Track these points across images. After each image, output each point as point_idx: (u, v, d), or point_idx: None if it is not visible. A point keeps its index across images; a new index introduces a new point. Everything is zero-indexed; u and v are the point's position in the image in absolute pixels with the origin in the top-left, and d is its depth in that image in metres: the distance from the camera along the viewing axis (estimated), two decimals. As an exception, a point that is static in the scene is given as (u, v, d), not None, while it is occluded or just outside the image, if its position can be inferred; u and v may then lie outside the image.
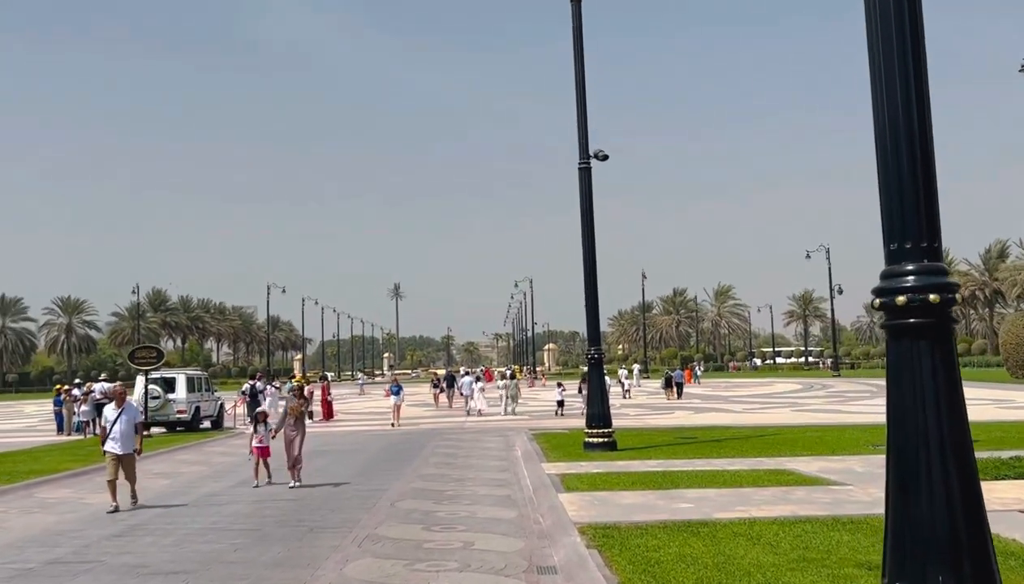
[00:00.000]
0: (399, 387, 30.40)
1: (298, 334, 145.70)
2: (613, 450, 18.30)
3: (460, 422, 31.14)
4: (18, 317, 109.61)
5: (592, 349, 19.13)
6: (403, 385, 33.01)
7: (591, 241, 19.16)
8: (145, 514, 12.33)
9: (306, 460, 18.77)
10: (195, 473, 17.35)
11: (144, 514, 12.33)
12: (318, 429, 28.59)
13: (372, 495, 13.60)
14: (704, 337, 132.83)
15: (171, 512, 12.45)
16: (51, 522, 11.96)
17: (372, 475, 16.31)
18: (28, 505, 13.62)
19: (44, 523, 11.89)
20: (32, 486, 15.52)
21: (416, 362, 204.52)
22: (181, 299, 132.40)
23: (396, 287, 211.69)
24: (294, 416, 14.99)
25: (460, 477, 15.69)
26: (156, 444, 23.27)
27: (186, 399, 27.88)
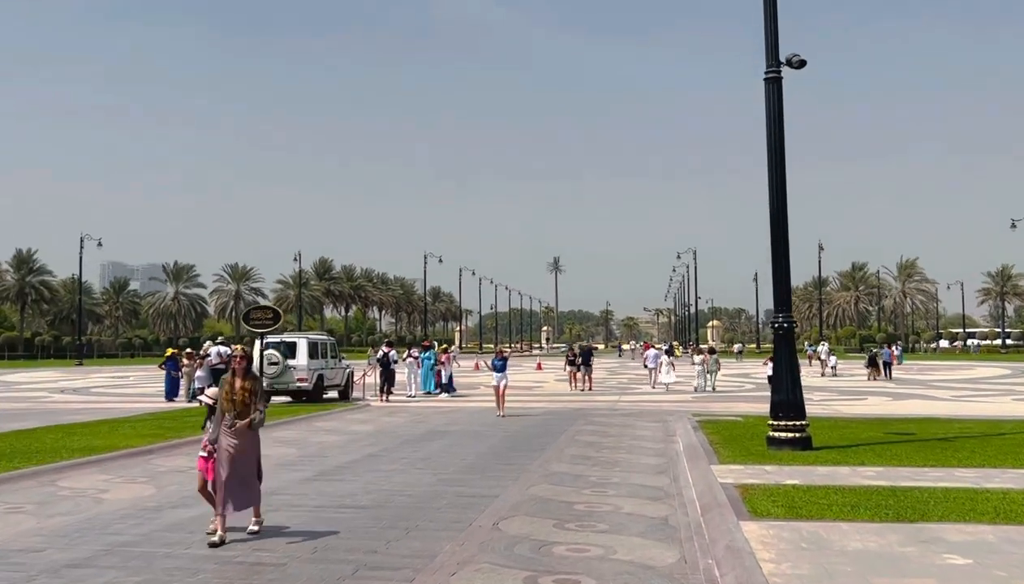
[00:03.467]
0: (503, 361, 22.24)
1: (458, 306, 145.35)
2: (807, 448, 13.81)
3: (612, 402, 27.05)
4: (190, 283, 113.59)
5: (780, 316, 14.56)
6: (508, 355, 24.90)
7: (780, 172, 14.59)
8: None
9: (414, 446, 15.35)
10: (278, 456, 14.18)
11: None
12: (441, 405, 25.27)
13: (472, 506, 9.80)
14: (885, 315, 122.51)
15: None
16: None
17: (485, 471, 12.54)
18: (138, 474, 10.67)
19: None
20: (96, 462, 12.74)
21: (575, 336, 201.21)
22: (344, 268, 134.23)
23: (555, 260, 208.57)
24: (233, 409, 8.31)
25: (600, 480, 11.68)
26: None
27: (307, 366, 25.11)
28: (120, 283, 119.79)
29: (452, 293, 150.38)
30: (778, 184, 14.60)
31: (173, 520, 9.05)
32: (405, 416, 21.62)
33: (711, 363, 32.19)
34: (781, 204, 14.58)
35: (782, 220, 14.60)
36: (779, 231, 14.58)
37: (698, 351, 37.09)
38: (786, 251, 14.66)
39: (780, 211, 14.58)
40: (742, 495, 9.83)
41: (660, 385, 32.10)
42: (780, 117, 14.67)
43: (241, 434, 8.29)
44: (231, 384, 8.45)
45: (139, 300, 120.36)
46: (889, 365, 40.22)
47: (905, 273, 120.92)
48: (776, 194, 14.59)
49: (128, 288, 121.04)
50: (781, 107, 14.69)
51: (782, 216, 14.59)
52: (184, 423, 18.45)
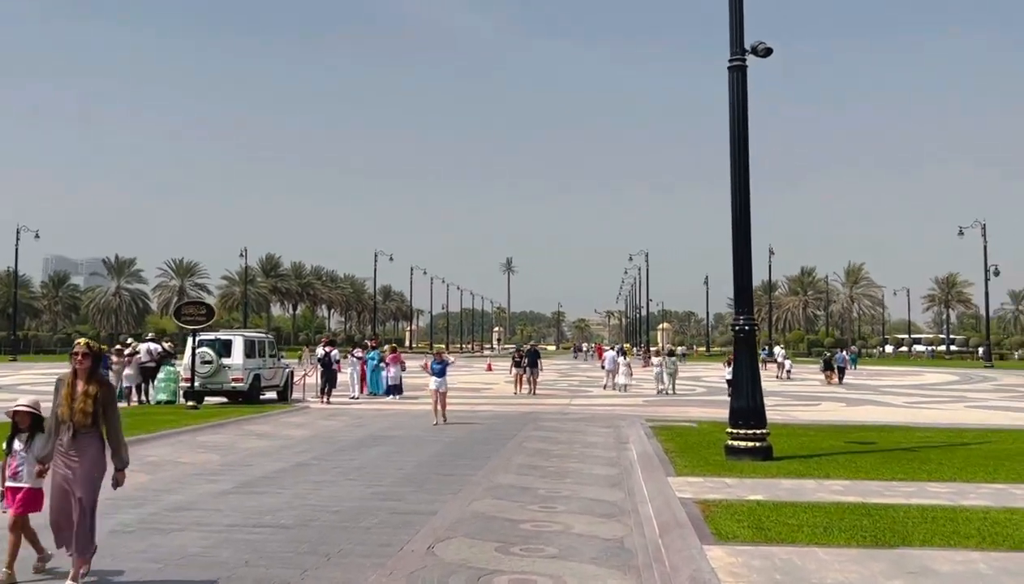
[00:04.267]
0: (442, 365, 19.94)
1: (409, 305, 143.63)
2: (768, 459, 13.02)
3: (563, 406, 26.16)
4: (133, 278, 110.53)
5: (741, 318, 13.75)
6: (451, 362, 23.00)
7: (743, 166, 13.78)
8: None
9: (350, 453, 14.27)
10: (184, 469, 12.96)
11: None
12: (385, 407, 24.15)
13: (407, 525, 8.77)
14: (833, 320, 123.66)
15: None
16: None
17: (424, 483, 11.51)
18: None
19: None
20: None
21: (527, 337, 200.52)
22: (293, 265, 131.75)
23: (508, 261, 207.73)
24: (70, 421, 6.49)
25: (549, 494, 10.72)
26: (177, 419, 19.23)
27: (243, 365, 23.80)
28: (60, 277, 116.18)
29: (404, 292, 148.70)
30: (741, 178, 13.80)
31: None
32: (345, 419, 20.48)
33: (669, 364, 31.83)
34: (743, 199, 13.77)
35: (744, 216, 13.79)
36: (741, 228, 13.77)
37: (656, 353, 36.73)
38: (747, 249, 13.86)
39: (742, 207, 13.77)
40: (704, 512, 8.94)
41: (618, 387, 32.33)
42: (744, 108, 13.86)
43: (82, 454, 6.43)
44: (71, 386, 6.51)
45: (79, 295, 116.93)
46: (843, 369, 40.12)
47: (853, 278, 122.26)
48: (739, 189, 13.78)
49: (68, 282, 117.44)
50: (745, 97, 13.89)
51: (744, 212, 13.79)
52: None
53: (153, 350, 24.23)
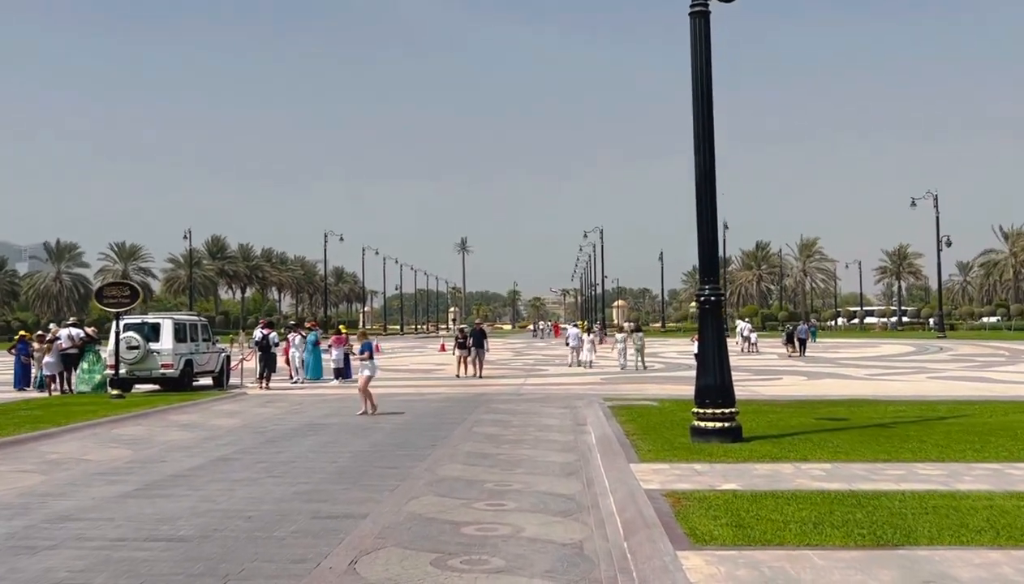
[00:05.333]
0: (369, 345, 17.81)
1: (362, 286, 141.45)
2: (737, 440, 11.93)
3: (517, 386, 24.98)
4: (74, 263, 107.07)
5: (707, 287, 12.58)
6: (376, 344, 21.22)
7: (707, 122, 12.58)
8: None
9: (280, 445, 12.92)
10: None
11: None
12: (328, 392, 22.73)
13: (329, 533, 7.48)
14: (787, 294, 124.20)
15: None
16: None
17: (359, 478, 10.21)
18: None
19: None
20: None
21: (483, 316, 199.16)
22: (241, 247, 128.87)
23: (463, 241, 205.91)
24: None
25: (498, 487, 9.50)
26: (101, 408, 17.68)
27: (173, 350, 22.20)
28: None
29: (356, 274, 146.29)
30: (704, 136, 12.59)
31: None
32: (282, 406, 19.07)
33: (636, 340, 31.26)
34: (708, 158, 12.58)
35: (709, 176, 12.61)
36: (706, 188, 12.59)
37: (619, 328, 36.12)
38: (713, 211, 12.69)
39: (707, 166, 12.58)
40: (674, 507, 7.78)
41: (583, 363, 31.91)
42: (707, 58, 12.64)
43: None
44: None
45: (18, 281, 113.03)
46: (804, 342, 39.86)
47: (806, 252, 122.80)
48: (702, 147, 12.58)
49: (6, 267, 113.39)
50: (709, 46, 12.66)
51: (709, 171, 12.60)
52: (13, 419, 15.53)
53: (75, 336, 22.52)
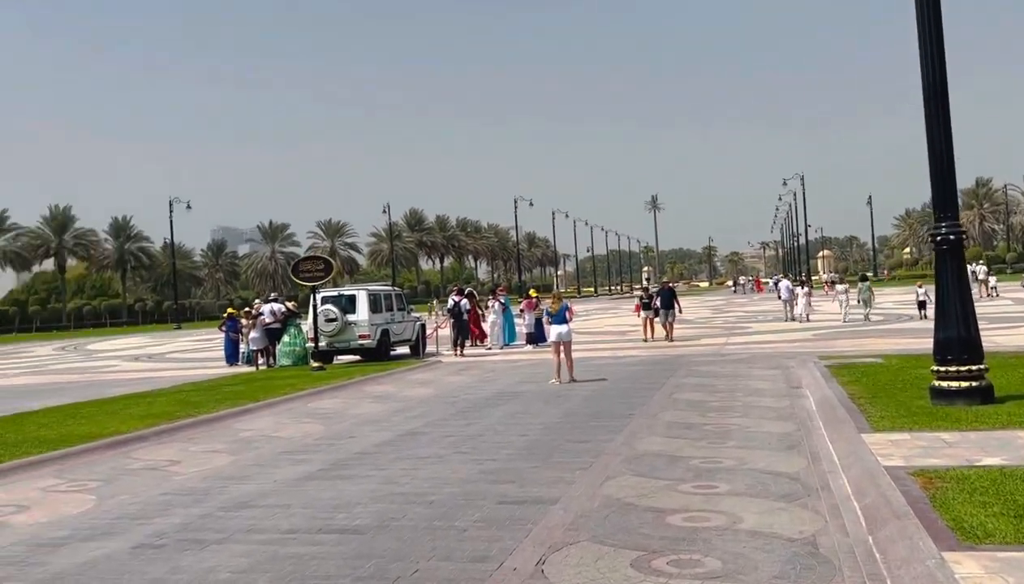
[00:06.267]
0: (563, 310, 15.97)
1: (554, 250, 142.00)
2: (988, 401, 10.12)
3: (718, 346, 23.46)
4: (286, 242, 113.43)
5: (944, 224, 10.71)
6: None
7: (935, 30, 10.64)
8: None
9: (470, 416, 12.27)
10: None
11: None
12: (522, 358, 22.10)
13: (515, 523, 6.61)
14: (1014, 234, 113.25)
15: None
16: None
17: (550, 454, 9.31)
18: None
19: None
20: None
21: (677, 274, 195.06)
22: (438, 219, 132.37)
23: (654, 199, 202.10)
24: None
25: (707, 463, 8.33)
26: (304, 380, 17.79)
27: (369, 321, 22.30)
28: (218, 245, 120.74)
29: (548, 238, 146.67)
30: (933, 44, 10.66)
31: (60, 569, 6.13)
32: (475, 374, 18.60)
33: (863, 290, 29.06)
34: (937, 72, 10.65)
35: (939, 94, 10.69)
36: (936, 109, 10.69)
37: (831, 280, 33.82)
38: (946, 136, 10.76)
39: (936, 82, 10.67)
40: (927, 491, 6.35)
41: (799, 318, 30.26)
42: (934, -47, 10.68)
43: None
44: None
45: (238, 261, 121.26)
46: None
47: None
48: (930, 59, 10.66)
49: (226, 250, 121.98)
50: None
51: (939, 89, 10.69)
52: (215, 396, 15.84)
53: (276, 311, 23.09)
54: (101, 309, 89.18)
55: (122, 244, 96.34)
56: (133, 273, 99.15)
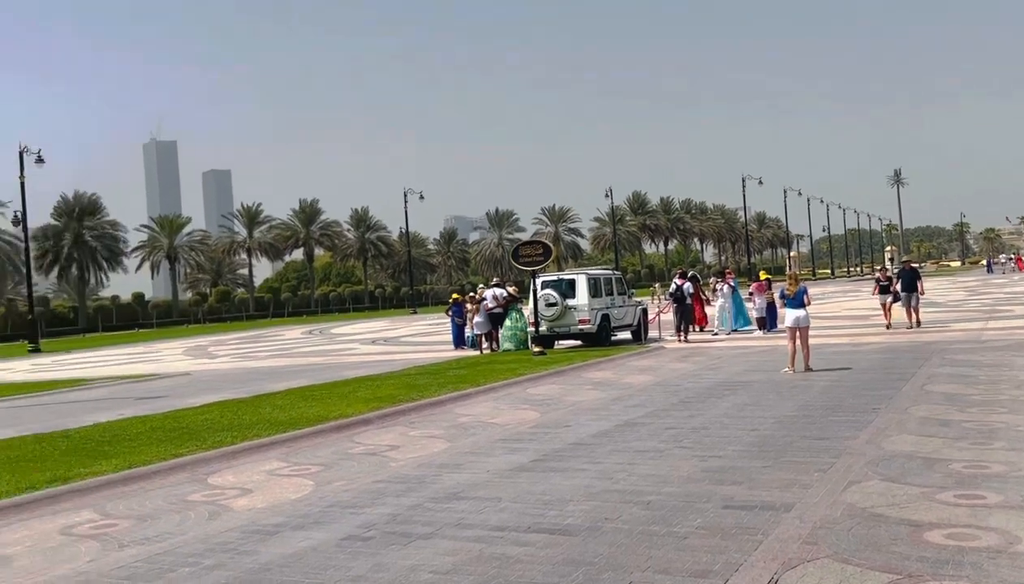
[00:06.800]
0: (800, 292, 14.91)
1: (786, 230, 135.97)
2: None
3: (976, 332, 21.11)
4: (511, 229, 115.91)
5: None
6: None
7: None
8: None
9: (693, 407, 11.53)
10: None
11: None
12: (751, 344, 20.86)
13: (743, 531, 5.88)
14: None
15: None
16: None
17: (783, 452, 8.43)
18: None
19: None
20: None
21: (924, 255, 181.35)
22: (662, 201, 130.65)
23: (897, 173, 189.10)
24: None
25: (969, 470, 7.17)
26: (522, 364, 17.63)
27: (589, 305, 21.91)
28: (449, 233, 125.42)
29: (780, 217, 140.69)
30: None
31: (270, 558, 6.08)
32: (699, 361, 17.71)
33: None
34: None
35: None
36: None
37: None
38: None
39: None
40: None
41: None
42: None
43: None
44: None
45: (468, 248, 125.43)
46: None
47: None
48: None
49: (456, 238, 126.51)
50: None
51: None
52: (439, 380, 16.02)
53: (498, 295, 23.22)
54: (345, 295, 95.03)
55: (363, 234, 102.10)
56: (373, 261, 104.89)
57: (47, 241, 77.32)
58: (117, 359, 32.06)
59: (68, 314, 75.56)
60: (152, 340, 47.60)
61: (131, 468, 8.86)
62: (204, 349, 35.13)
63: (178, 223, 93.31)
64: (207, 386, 18.43)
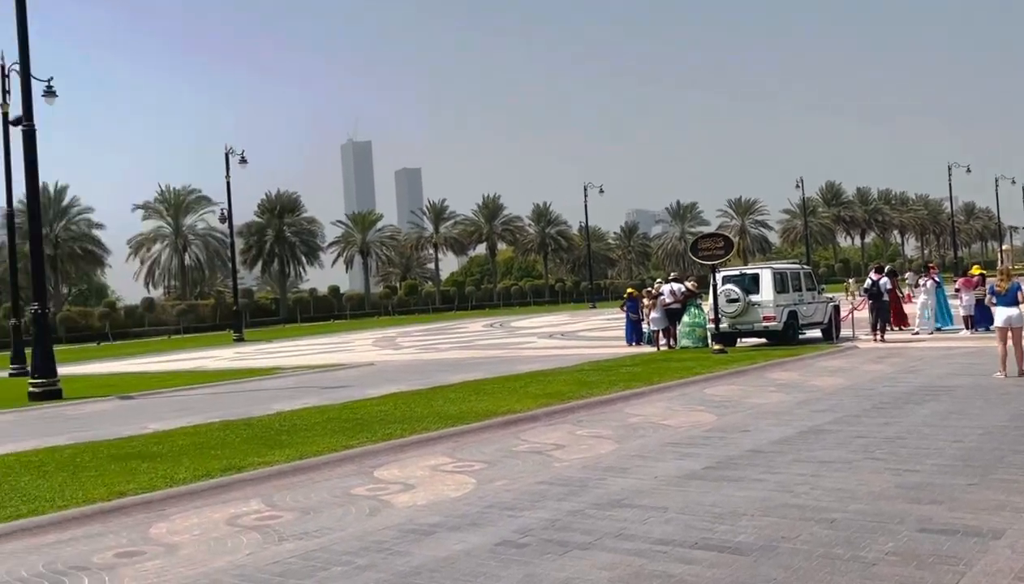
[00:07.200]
0: (1016, 289, 13.45)
1: (997, 221, 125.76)
2: None
3: None
4: (694, 222, 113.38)
5: None
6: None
7: None
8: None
9: (887, 414, 10.57)
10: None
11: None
12: (955, 345, 19.12)
13: (943, 560, 5.15)
14: None
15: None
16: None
17: (991, 468, 7.46)
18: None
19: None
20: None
21: None
22: (858, 191, 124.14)
23: None
24: None
25: None
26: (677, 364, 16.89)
27: (774, 302, 20.80)
28: (630, 227, 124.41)
29: (991, 207, 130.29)
30: None
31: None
32: (896, 363, 16.39)
33: None
34: None
35: None
36: None
37: None
38: None
39: None
40: None
41: None
42: None
43: None
44: None
45: (649, 242, 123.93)
46: None
47: None
48: None
49: (638, 231, 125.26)
50: None
51: None
52: (611, 377, 15.62)
53: (676, 290, 22.47)
54: (526, 289, 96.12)
55: (543, 229, 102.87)
56: (553, 255, 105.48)
57: (251, 237, 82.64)
58: (312, 348, 33.64)
59: (270, 305, 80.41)
60: (345, 331, 49.78)
61: (301, 459, 9.03)
62: (391, 340, 36.29)
63: (370, 219, 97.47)
64: (388, 377, 18.86)
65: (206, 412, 13.99)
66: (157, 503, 7.50)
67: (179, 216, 79.45)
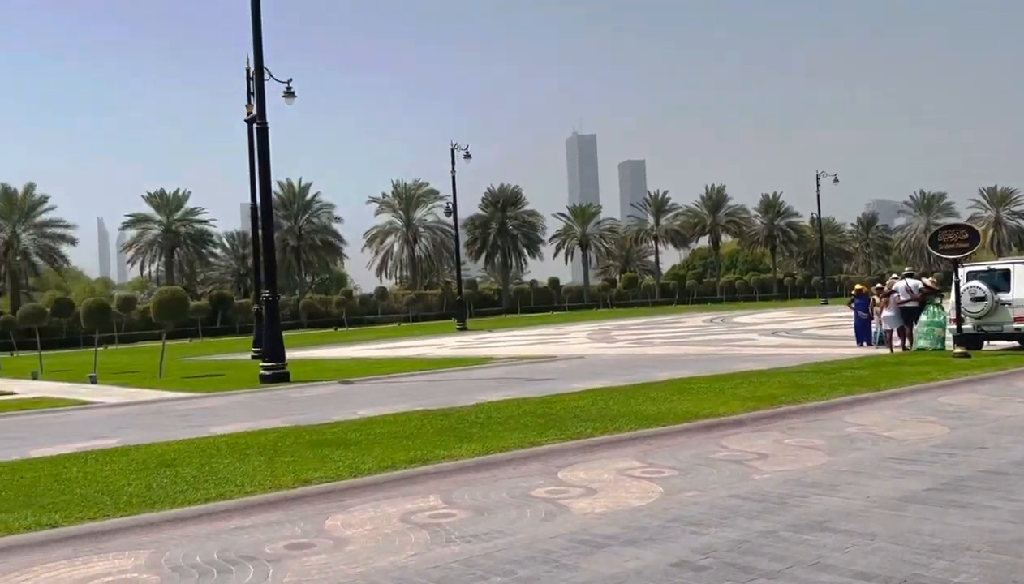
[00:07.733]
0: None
1: None
2: None
3: None
4: (942, 213, 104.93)
5: None
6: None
7: None
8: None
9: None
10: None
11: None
12: None
13: None
14: None
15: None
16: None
17: None
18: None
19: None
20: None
21: None
22: None
23: None
24: None
25: None
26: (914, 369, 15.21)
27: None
28: (868, 219, 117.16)
29: None
30: None
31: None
32: None
33: None
34: None
35: None
36: None
37: None
38: None
39: None
40: None
41: None
42: None
43: None
44: None
45: (889, 235, 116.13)
46: None
47: None
48: None
49: (877, 223, 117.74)
50: None
51: None
52: (832, 380, 14.42)
53: (912, 287, 20.54)
54: (751, 283, 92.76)
55: (771, 220, 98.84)
56: (782, 248, 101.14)
57: (475, 229, 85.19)
58: (527, 339, 34.00)
59: (493, 296, 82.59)
60: (562, 323, 50.09)
61: (487, 454, 8.84)
62: (607, 333, 36.00)
63: (590, 212, 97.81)
64: (594, 371, 18.53)
65: (415, 400, 14.26)
66: (338, 493, 7.54)
67: (410, 210, 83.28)
